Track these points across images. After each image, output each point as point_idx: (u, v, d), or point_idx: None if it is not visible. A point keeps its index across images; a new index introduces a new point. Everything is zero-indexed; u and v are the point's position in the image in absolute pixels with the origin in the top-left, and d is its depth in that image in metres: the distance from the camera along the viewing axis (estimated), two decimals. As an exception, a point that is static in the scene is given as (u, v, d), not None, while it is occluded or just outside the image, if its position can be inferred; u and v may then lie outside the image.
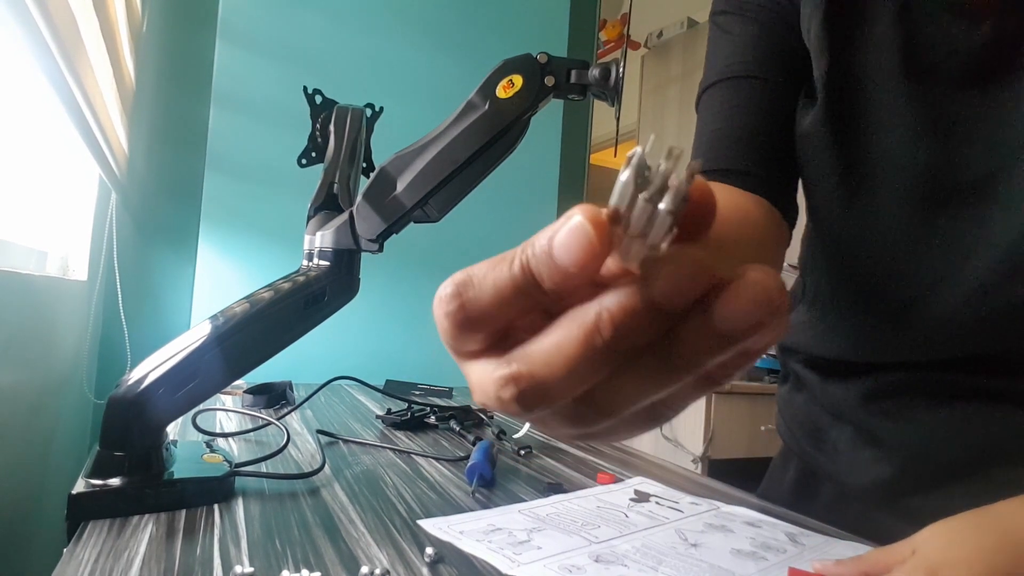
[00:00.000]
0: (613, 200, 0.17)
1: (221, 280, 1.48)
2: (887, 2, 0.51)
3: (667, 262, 0.17)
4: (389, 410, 0.97)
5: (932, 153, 0.51)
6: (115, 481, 0.50)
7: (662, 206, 0.16)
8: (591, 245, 0.17)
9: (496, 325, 0.20)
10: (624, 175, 0.17)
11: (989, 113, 0.49)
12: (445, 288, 0.20)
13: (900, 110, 0.51)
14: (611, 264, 0.19)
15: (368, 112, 0.78)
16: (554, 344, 0.18)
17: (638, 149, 0.17)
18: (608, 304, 0.17)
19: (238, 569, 0.40)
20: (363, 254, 0.62)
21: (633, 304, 0.17)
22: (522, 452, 0.79)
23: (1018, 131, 0.48)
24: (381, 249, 0.61)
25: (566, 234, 0.17)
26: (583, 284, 0.18)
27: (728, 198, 0.54)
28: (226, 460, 0.58)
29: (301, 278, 0.60)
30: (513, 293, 0.19)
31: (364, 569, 0.41)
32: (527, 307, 0.19)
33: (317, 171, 0.72)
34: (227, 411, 0.92)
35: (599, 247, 0.17)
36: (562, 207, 1.97)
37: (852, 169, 0.55)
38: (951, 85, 0.50)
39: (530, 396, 0.19)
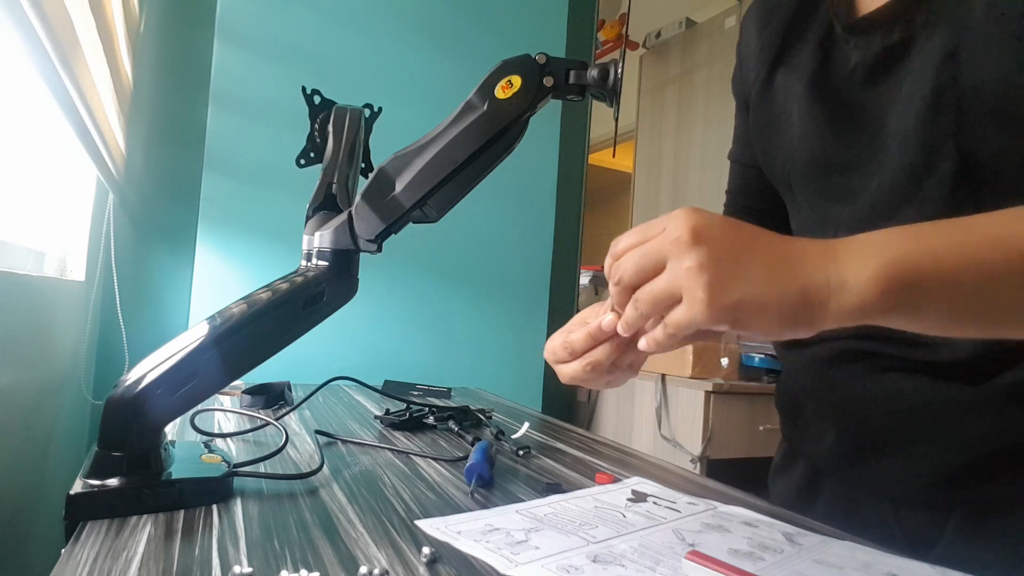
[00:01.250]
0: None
1: (219, 281, 1.48)
2: (816, 31, 0.66)
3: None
4: (387, 410, 0.97)
5: (827, 139, 0.62)
6: (113, 481, 0.50)
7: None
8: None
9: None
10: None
11: (874, 103, 0.59)
12: (560, 336, 0.47)
13: (807, 111, 0.64)
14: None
15: (367, 112, 0.78)
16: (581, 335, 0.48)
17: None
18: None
19: (237, 569, 0.40)
20: (362, 254, 0.62)
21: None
22: (520, 452, 0.79)
23: (897, 112, 0.57)
24: (380, 249, 0.61)
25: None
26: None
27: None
28: (224, 460, 0.58)
29: (300, 279, 0.60)
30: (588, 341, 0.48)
31: (363, 569, 0.41)
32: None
33: (316, 171, 0.72)
34: (225, 411, 0.92)
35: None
36: (561, 207, 1.97)
37: (775, 159, 0.69)
38: (850, 91, 0.61)
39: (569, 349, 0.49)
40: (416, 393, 1.25)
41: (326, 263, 0.61)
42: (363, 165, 0.78)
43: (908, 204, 0.56)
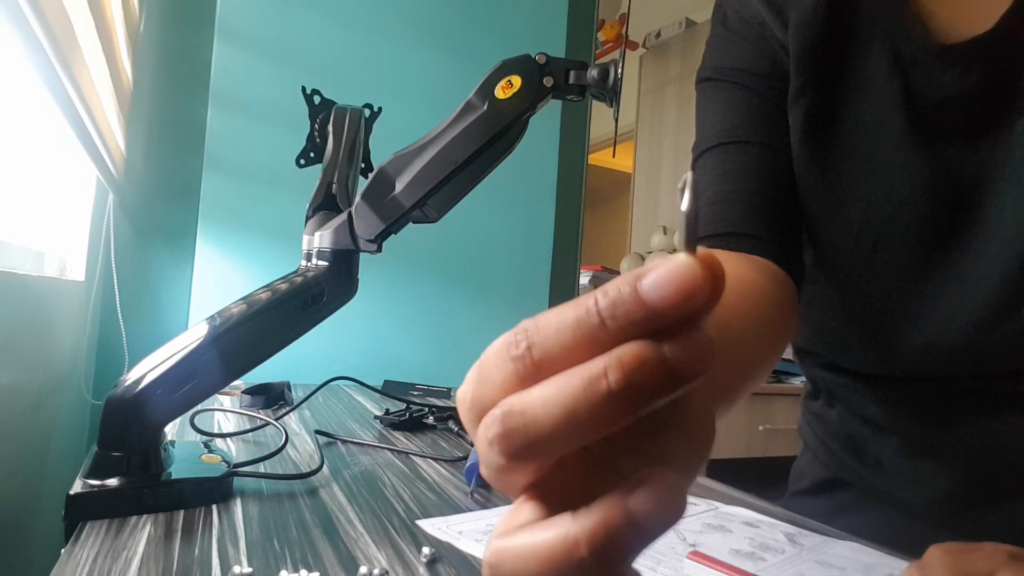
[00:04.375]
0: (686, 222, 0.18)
1: (219, 281, 1.48)
2: (880, 51, 0.52)
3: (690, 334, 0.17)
4: (387, 410, 0.97)
5: (931, 197, 0.52)
6: (113, 481, 0.50)
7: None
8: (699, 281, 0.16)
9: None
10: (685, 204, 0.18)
11: (984, 161, 0.50)
12: (516, 333, 0.19)
13: (901, 155, 0.52)
14: None
15: (367, 112, 0.78)
16: (556, 385, 0.17)
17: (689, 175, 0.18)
18: (621, 352, 0.17)
19: (236, 569, 0.40)
20: (362, 254, 0.62)
21: (647, 355, 0.16)
22: (521, 452, 0.79)
23: (1007, 180, 0.49)
24: (380, 249, 0.61)
25: (665, 272, 0.17)
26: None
27: (731, 271, 0.52)
28: (224, 460, 0.58)
29: (299, 279, 0.59)
30: (578, 335, 0.18)
31: (363, 569, 0.41)
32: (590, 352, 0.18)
33: (316, 171, 0.72)
34: (225, 411, 0.92)
35: (708, 286, 0.16)
36: (560, 207, 1.97)
37: (849, 208, 0.55)
38: (948, 132, 0.51)
39: (518, 438, 0.18)
40: (416, 393, 1.25)
41: (326, 263, 0.61)
42: (363, 165, 0.78)
43: (1009, 320, 0.49)
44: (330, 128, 0.74)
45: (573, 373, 0.17)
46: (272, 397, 0.98)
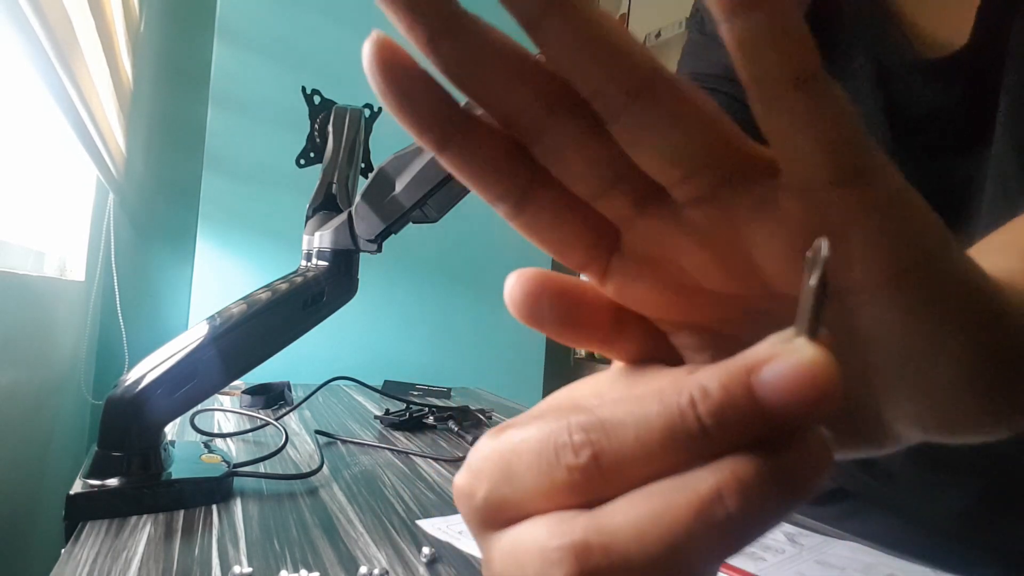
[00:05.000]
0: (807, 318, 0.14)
1: (219, 281, 1.48)
2: (863, 63, 0.51)
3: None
4: (387, 410, 0.97)
5: None
6: (113, 481, 0.50)
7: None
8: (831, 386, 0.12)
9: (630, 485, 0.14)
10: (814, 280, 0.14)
11: (970, 174, 0.49)
12: (573, 434, 0.15)
13: None
14: None
15: (367, 112, 0.78)
16: (651, 511, 0.13)
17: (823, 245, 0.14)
18: (736, 468, 0.13)
19: (236, 569, 0.40)
20: (362, 254, 0.62)
21: (766, 472, 0.13)
22: (521, 452, 0.79)
23: (994, 193, 0.48)
24: (380, 250, 0.61)
25: (791, 369, 0.13)
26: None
27: None
28: (224, 460, 0.58)
29: (299, 279, 0.60)
30: (668, 445, 0.14)
31: (363, 569, 0.41)
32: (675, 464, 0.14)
33: (316, 171, 0.72)
34: (225, 411, 0.92)
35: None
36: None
37: None
38: (933, 146, 0.50)
39: None
40: (416, 393, 1.25)
41: (326, 263, 0.61)
42: (363, 165, 0.78)
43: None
44: (330, 128, 0.74)
45: (671, 494, 0.13)
46: (272, 397, 0.98)
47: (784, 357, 0.13)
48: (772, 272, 0.17)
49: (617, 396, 0.16)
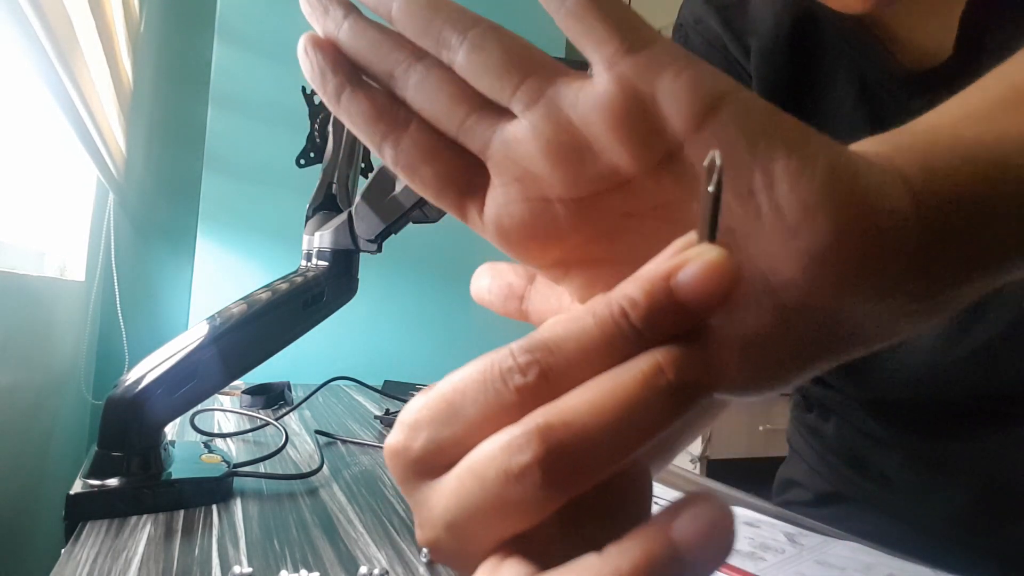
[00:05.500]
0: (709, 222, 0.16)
1: (219, 281, 1.48)
2: (847, 77, 0.51)
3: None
4: (387, 410, 0.97)
5: None
6: (113, 481, 0.50)
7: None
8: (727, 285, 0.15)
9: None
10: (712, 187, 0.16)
11: None
12: (517, 357, 0.16)
13: None
14: None
15: (366, 112, 0.78)
16: (600, 390, 0.15)
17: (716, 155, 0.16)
18: (669, 351, 0.15)
19: (236, 569, 0.40)
20: (362, 254, 0.62)
21: (694, 352, 0.15)
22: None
23: None
24: (380, 249, 0.61)
25: (701, 271, 0.15)
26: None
27: None
28: (224, 460, 0.58)
29: (299, 279, 0.60)
30: (607, 351, 0.16)
31: (363, 569, 0.41)
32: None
33: (316, 171, 0.72)
34: (225, 411, 0.92)
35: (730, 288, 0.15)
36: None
37: None
38: None
39: (567, 458, 0.15)
40: (416, 393, 1.25)
41: (326, 263, 0.61)
42: (363, 165, 0.78)
43: (958, 344, 0.50)
44: (330, 128, 0.74)
45: (618, 376, 0.15)
46: (272, 397, 0.98)
47: (695, 261, 0.15)
48: (604, 150, 0.20)
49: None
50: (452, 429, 0.16)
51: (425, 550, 0.18)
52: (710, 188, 0.15)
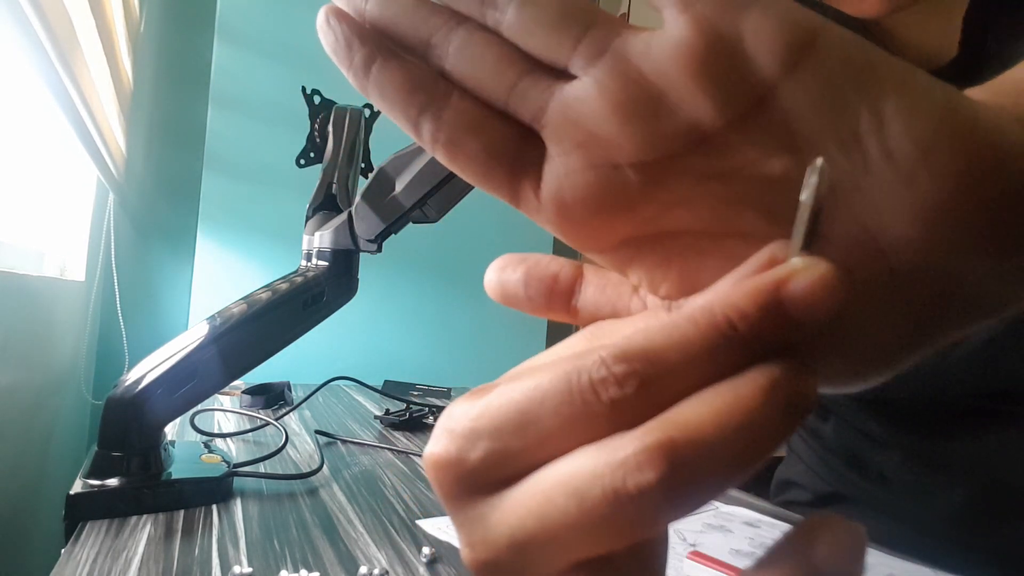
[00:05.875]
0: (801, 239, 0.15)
1: (219, 281, 1.48)
2: None
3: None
4: (387, 410, 0.97)
5: None
6: (113, 481, 0.50)
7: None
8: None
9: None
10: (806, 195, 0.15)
11: None
12: (611, 367, 0.15)
13: None
14: None
15: (367, 112, 0.78)
16: (723, 403, 0.14)
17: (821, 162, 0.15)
18: (780, 364, 0.14)
19: (236, 569, 0.40)
20: (362, 254, 0.62)
21: (795, 364, 0.15)
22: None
23: None
24: (380, 250, 0.61)
25: (813, 283, 0.14)
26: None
27: None
28: (224, 460, 0.58)
29: (299, 279, 0.60)
30: (710, 362, 0.15)
31: (363, 569, 0.41)
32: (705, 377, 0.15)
33: (316, 171, 0.72)
34: (225, 411, 0.92)
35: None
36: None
37: None
38: None
39: (689, 481, 0.13)
40: (416, 393, 1.25)
41: (326, 263, 0.61)
42: (363, 165, 0.78)
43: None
44: (330, 128, 0.74)
45: (737, 389, 0.14)
46: (272, 397, 0.98)
47: (805, 273, 0.14)
48: (683, 103, 0.18)
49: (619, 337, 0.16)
50: (522, 441, 0.15)
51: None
52: (804, 198, 0.14)
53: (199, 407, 0.74)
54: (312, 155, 0.78)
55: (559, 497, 0.14)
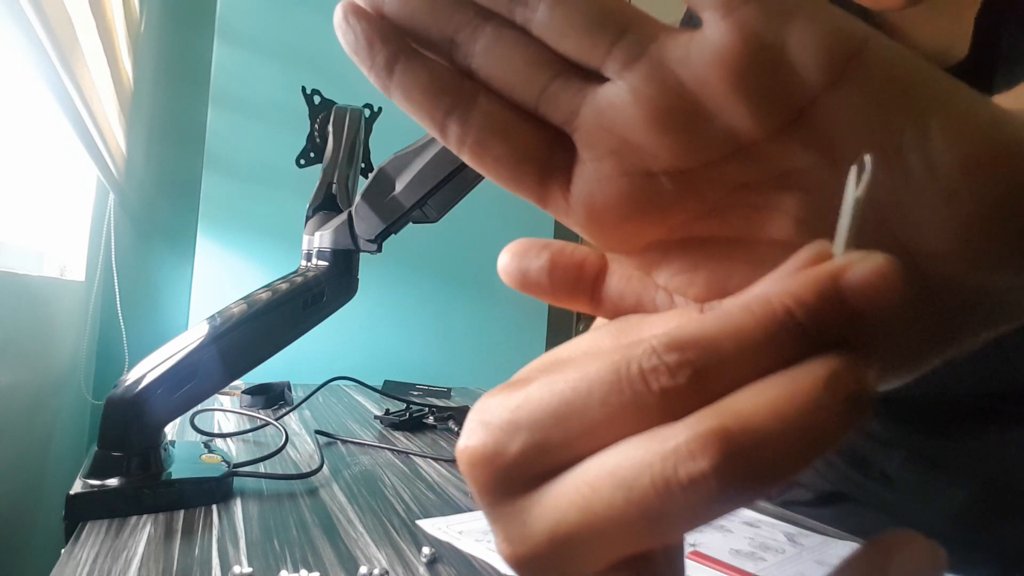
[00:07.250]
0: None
1: (219, 280, 1.48)
2: None
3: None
4: (387, 410, 0.97)
5: None
6: (113, 481, 0.50)
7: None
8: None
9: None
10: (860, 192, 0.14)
11: None
12: (663, 355, 0.14)
13: None
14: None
15: (367, 112, 0.78)
16: (781, 392, 0.13)
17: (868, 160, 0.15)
18: (840, 357, 0.14)
19: (236, 569, 0.40)
20: (362, 254, 0.62)
21: (850, 354, 0.14)
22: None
23: None
24: (380, 250, 0.61)
25: (872, 273, 0.13)
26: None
27: None
28: (224, 460, 0.58)
29: (299, 279, 0.60)
30: (768, 352, 0.14)
31: (363, 569, 0.41)
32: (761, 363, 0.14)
33: (316, 171, 0.72)
34: (225, 411, 0.92)
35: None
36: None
37: None
38: None
39: (745, 471, 0.13)
40: (416, 393, 1.25)
41: (326, 263, 0.61)
42: (363, 165, 0.78)
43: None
44: (330, 128, 0.74)
45: (796, 379, 0.13)
46: (272, 397, 0.98)
47: (863, 263, 0.14)
48: (721, 112, 0.17)
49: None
50: (564, 433, 0.14)
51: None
52: (858, 194, 0.14)
53: (199, 407, 0.74)
54: (312, 155, 0.78)
55: (605, 488, 0.14)
